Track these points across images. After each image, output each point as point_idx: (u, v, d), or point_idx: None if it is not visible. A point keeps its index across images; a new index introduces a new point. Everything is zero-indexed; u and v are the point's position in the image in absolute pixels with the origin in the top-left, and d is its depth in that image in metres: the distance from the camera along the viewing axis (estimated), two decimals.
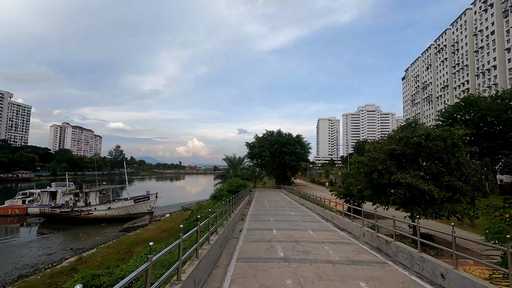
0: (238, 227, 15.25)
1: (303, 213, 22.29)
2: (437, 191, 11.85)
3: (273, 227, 14.95)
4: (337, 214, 17.50)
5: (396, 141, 14.02)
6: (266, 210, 23.65)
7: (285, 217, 19.73)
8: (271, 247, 10.51)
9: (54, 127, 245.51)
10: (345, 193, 21.82)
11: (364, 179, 14.45)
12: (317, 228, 15.19)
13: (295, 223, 16.73)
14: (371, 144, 15.69)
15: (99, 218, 31.10)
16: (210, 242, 8.34)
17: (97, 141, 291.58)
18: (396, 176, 12.43)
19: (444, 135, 12.65)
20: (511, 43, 67.53)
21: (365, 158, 13.53)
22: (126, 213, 31.61)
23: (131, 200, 32.04)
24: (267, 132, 56.77)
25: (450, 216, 12.45)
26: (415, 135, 13.07)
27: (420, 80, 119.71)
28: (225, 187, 27.20)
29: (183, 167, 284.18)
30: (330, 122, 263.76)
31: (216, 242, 8.95)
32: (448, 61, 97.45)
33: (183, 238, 5.75)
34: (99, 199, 32.46)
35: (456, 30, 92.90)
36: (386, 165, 13.20)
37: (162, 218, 31.69)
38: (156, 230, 22.96)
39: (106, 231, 27.77)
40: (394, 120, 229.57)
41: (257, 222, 17.02)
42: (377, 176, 13.25)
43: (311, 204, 24.57)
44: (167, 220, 27.50)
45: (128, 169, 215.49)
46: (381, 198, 14.36)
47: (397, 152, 13.37)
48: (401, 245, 9.12)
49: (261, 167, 58.16)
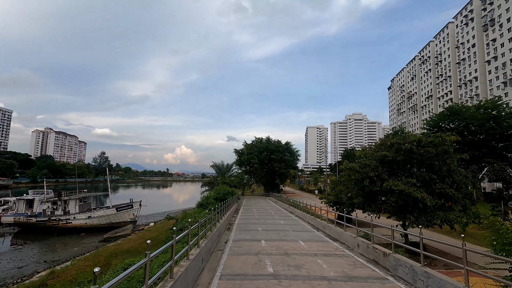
0: (224, 237, 14.43)
1: (293, 222, 21.61)
2: (430, 198, 11.55)
3: (261, 238, 14.21)
4: (328, 223, 16.85)
5: (387, 148, 13.76)
6: (255, 218, 22.84)
7: (274, 226, 18.96)
8: (259, 261, 9.72)
9: (36, 132, 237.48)
10: (335, 201, 21.39)
11: (355, 187, 14.05)
12: (308, 239, 14.52)
13: (285, 233, 16.03)
14: (362, 151, 15.39)
15: (79, 227, 29.49)
16: (189, 257, 7.44)
17: (81, 147, 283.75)
18: (388, 183, 12.08)
19: (436, 142, 12.45)
20: (491, 56, 70.24)
21: (356, 164, 13.14)
22: (107, 222, 30.11)
23: (113, 209, 30.58)
24: (256, 139, 56.31)
25: (442, 224, 12.15)
26: (406, 141, 12.82)
27: (405, 90, 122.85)
28: (212, 195, 26.34)
29: (170, 174, 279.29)
30: (319, 130, 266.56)
31: (197, 256, 8.08)
32: (432, 72, 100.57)
33: (157, 253, 4.99)
34: (79, 207, 30.87)
35: (439, 42, 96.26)
36: (378, 172, 12.86)
37: (146, 227, 30.37)
38: (139, 240, 21.80)
39: (85, 242, 26.27)
40: (380, 128, 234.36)
41: (245, 232, 16.21)
42: (368, 183, 12.88)
43: (300, 213, 23.97)
44: (151, 230, 26.29)
45: (113, 176, 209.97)
46: (372, 206, 13.97)
47: (389, 159, 13.07)
48: (401, 258, 8.44)
49: (250, 174, 57.41)
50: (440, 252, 13.79)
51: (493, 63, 69.95)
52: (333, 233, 15.35)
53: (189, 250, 7.59)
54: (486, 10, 72.33)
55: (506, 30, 65.70)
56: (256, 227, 18.15)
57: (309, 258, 10.17)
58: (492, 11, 70.15)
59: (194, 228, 8.76)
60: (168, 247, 5.82)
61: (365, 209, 14.99)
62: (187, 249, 7.49)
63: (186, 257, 7.40)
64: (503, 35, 66.77)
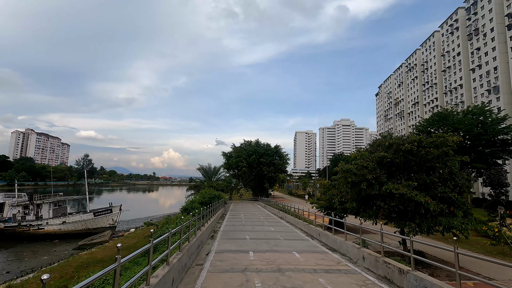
0: (205, 247, 12.69)
1: (284, 228, 20.08)
2: (433, 203, 10.63)
3: (249, 248, 12.59)
4: (325, 230, 15.58)
5: (385, 148, 12.82)
6: (242, 225, 21.22)
7: (263, 233, 17.38)
8: (246, 281, 7.88)
9: (16, 133, 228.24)
10: (326, 206, 20.38)
11: (349, 190, 13.00)
12: (303, 249, 12.92)
13: (276, 242, 14.41)
14: (358, 152, 14.41)
15: (52, 233, 27.29)
16: (150, 282, 5.54)
17: (64, 150, 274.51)
18: (388, 186, 11.09)
19: (437, 142, 11.61)
20: (475, 64, 71.97)
21: (352, 166, 12.11)
22: (84, 227, 28.04)
23: (90, 213, 28.52)
24: (245, 141, 55.04)
25: (445, 231, 11.24)
26: (406, 142, 11.92)
27: (392, 96, 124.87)
28: (197, 199, 24.88)
29: (157, 178, 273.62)
30: (307, 135, 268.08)
31: (164, 279, 6.19)
32: (419, 79, 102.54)
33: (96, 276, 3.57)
34: (53, 211, 28.67)
35: (425, 50, 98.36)
36: (376, 174, 11.87)
37: (126, 233, 28.46)
38: (115, 248, 20.03)
39: (58, 250, 24.20)
40: (367, 134, 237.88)
41: (230, 241, 14.48)
42: (366, 186, 11.86)
43: (292, 218, 22.76)
44: (130, 236, 24.49)
45: (96, 179, 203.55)
46: (368, 211, 12.95)
47: (387, 160, 12.12)
48: (427, 279, 6.82)
49: (238, 178, 55.99)
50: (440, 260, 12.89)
51: (477, 71, 71.66)
52: (331, 243, 13.94)
53: (149, 274, 5.49)
54: (470, 20, 74.30)
55: (489, 39, 67.49)
56: (244, 234, 16.49)
57: (308, 276, 8.55)
58: (476, 21, 72.09)
59: (162, 239, 7.22)
60: (110, 271, 3.95)
61: (361, 214, 13.97)
62: (147, 271, 5.41)
63: (146, 282, 5.54)
64: (486, 44, 68.56)
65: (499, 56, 65.06)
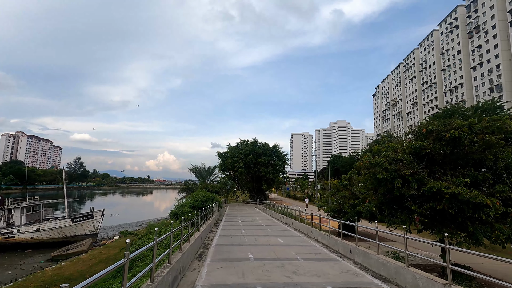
0: (188, 277, 8.16)
1: (297, 240, 15.51)
2: (501, 206, 8.00)
3: (256, 280, 7.94)
4: (358, 245, 11.11)
5: (422, 136, 10.18)
6: (241, 235, 16.61)
7: (272, 250, 12.43)
8: None
9: (6, 136, 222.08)
10: (338, 209, 17.71)
11: (380, 189, 10.27)
12: (340, 279, 8.36)
13: (295, 266, 9.61)
14: (382, 143, 11.73)
15: (24, 242, 24.12)
16: None
17: (56, 153, 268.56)
18: (434, 184, 8.43)
19: (494, 127, 9.00)
20: (477, 62, 70.45)
21: (383, 159, 9.44)
22: (60, 235, 24.90)
23: (68, 219, 25.38)
24: (241, 141, 52.05)
25: (507, 243, 8.63)
26: (451, 127, 9.29)
27: (390, 97, 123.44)
28: (188, 202, 22.08)
29: (151, 181, 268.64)
30: (303, 137, 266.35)
31: None
32: (417, 79, 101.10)
33: None
34: (26, 217, 25.48)
35: (424, 50, 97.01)
36: (414, 169, 9.22)
37: (109, 241, 25.43)
38: (91, 260, 17.06)
39: (28, 262, 21.07)
40: (364, 136, 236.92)
41: (227, 263, 9.81)
42: (401, 184, 9.20)
43: (301, 225, 19.21)
44: (111, 246, 21.49)
45: (88, 183, 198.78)
46: (400, 216, 10.26)
47: (427, 151, 9.47)
48: None
49: (234, 179, 53.01)
50: None
51: (478, 69, 70.16)
52: (379, 267, 9.20)
53: None
54: (471, 18, 72.93)
55: (491, 36, 66.03)
56: (245, 252, 11.75)
57: None
58: (477, 18, 70.71)
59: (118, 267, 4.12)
60: None
61: (386, 220, 11.26)
62: None
63: None
64: (488, 41, 67.11)
65: (501, 53, 63.56)
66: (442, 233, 9.78)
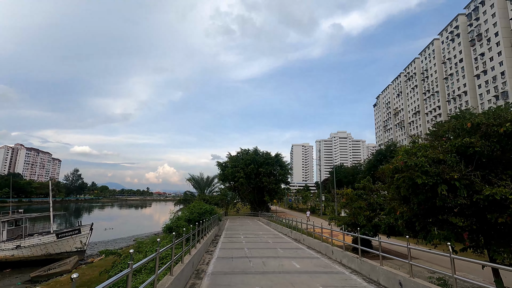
0: None
1: (316, 264, 12.04)
2: None
3: None
4: (412, 277, 7.51)
5: (465, 132, 8.33)
6: (244, 256, 13.65)
7: (288, 279, 9.25)
8: None
9: (5, 148, 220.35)
10: (352, 222, 15.66)
11: (416, 197, 8.27)
12: None
13: None
14: (414, 143, 9.84)
15: (3, 261, 21.83)
16: None
17: (55, 165, 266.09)
18: (495, 191, 6.53)
19: None
20: (480, 70, 69.44)
21: (423, 159, 7.53)
22: (44, 252, 22.63)
23: (53, 235, 23.15)
24: (242, 150, 50.04)
25: None
26: (506, 120, 7.47)
27: (391, 106, 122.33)
28: (184, 215, 20.01)
29: (150, 193, 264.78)
30: (304, 148, 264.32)
31: None
32: (419, 88, 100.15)
33: None
34: (7, 233, 23.28)
35: (424, 59, 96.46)
36: (461, 172, 7.34)
37: (98, 258, 23.13)
38: (69, 284, 14.84)
39: (3, 283, 18.78)
40: (364, 147, 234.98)
41: None
42: (446, 191, 7.29)
43: (315, 242, 16.04)
44: (98, 265, 19.26)
45: (86, 195, 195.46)
46: (442, 231, 8.26)
47: (476, 149, 7.60)
48: None
49: (235, 190, 50.62)
50: None
51: (482, 77, 69.06)
52: None
53: None
54: (472, 26, 72.46)
55: (494, 44, 65.26)
56: (252, 286, 8.53)
57: None
58: (479, 26, 70.17)
59: None
60: None
61: (419, 236, 9.24)
62: None
63: None
64: (491, 49, 66.28)
65: (505, 60, 62.53)
66: (498, 252, 7.78)
